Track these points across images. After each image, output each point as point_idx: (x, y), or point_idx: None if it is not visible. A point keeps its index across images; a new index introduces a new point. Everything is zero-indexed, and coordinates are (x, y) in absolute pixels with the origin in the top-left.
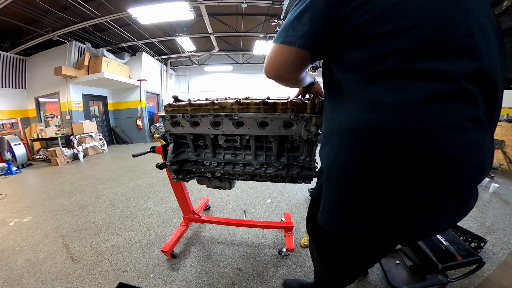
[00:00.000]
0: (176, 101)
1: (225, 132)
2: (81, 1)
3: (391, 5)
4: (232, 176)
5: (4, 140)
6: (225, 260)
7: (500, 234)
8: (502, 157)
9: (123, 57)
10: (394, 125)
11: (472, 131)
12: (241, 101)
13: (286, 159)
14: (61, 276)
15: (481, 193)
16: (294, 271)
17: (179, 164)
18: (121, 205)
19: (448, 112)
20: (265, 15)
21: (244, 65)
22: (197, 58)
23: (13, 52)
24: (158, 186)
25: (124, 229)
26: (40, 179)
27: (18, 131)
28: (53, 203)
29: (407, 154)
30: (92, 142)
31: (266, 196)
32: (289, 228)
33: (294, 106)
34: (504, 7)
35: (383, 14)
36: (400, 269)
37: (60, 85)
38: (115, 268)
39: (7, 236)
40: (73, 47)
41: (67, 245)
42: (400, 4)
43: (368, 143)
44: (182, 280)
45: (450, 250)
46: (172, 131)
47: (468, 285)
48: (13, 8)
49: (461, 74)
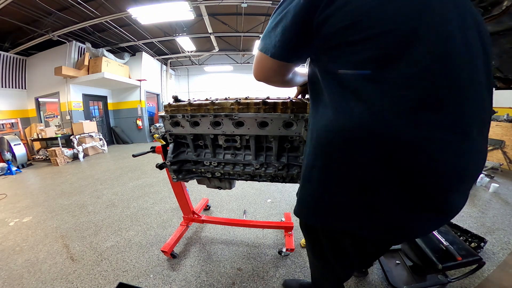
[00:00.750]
0: (176, 101)
1: (225, 132)
2: (81, 1)
3: (361, 12)
4: (232, 176)
5: (4, 140)
6: (225, 260)
7: (500, 234)
8: (502, 157)
9: (123, 57)
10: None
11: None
12: (241, 101)
13: (286, 159)
14: (61, 276)
15: (481, 193)
16: (294, 271)
17: (179, 164)
18: (121, 205)
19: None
20: (265, 15)
21: (244, 65)
22: (197, 58)
23: (13, 52)
24: (158, 186)
25: (124, 229)
26: (40, 179)
27: (18, 131)
28: (53, 203)
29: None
30: (92, 142)
31: (266, 196)
32: (289, 228)
33: (294, 106)
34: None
35: (353, 22)
36: (400, 269)
37: (60, 85)
38: (115, 268)
39: (7, 236)
40: (73, 47)
41: (67, 245)
42: (370, 12)
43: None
44: (182, 280)
45: (450, 250)
46: (172, 131)
47: (468, 285)
48: (13, 8)
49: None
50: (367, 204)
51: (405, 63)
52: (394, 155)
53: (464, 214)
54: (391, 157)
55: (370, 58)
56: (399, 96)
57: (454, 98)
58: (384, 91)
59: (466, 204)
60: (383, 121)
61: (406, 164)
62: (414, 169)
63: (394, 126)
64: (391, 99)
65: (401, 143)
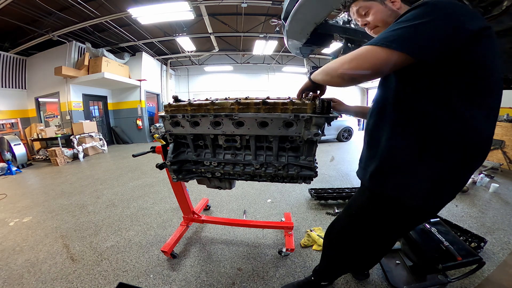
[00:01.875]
0: (176, 101)
1: (225, 132)
2: (81, 1)
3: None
4: (232, 176)
5: (4, 140)
6: (225, 260)
7: (500, 234)
8: (502, 157)
9: (123, 57)
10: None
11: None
12: (241, 101)
13: (286, 159)
14: (61, 276)
15: (481, 193)
16: (294, 271)
17: (179, 164)
18: (121, 205)
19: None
20: (265, 15)
21: (244, 65)
22: (197, 58)
23: (13, 52)
24: (158, 186)
25: (124, 229)
26: (40, 179)
27: (18, 131)
28: (53, 203)
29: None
30: (92, 142)
31: (266, 196)
32: (289, 228)
33: (294, 106)
34: (504, 7)
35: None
36: (400, 269)
37: (60, 85)
38: (115, 268)
39: (7, 236)
40: (73, 47)
41: (67, 245)
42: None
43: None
44: (182, 280)
45: (450, 250)
46: (172, 131)
47: (468, 285)
48: (13, 8)
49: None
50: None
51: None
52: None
53: (464, 214)
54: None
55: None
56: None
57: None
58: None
59: (466, 204)
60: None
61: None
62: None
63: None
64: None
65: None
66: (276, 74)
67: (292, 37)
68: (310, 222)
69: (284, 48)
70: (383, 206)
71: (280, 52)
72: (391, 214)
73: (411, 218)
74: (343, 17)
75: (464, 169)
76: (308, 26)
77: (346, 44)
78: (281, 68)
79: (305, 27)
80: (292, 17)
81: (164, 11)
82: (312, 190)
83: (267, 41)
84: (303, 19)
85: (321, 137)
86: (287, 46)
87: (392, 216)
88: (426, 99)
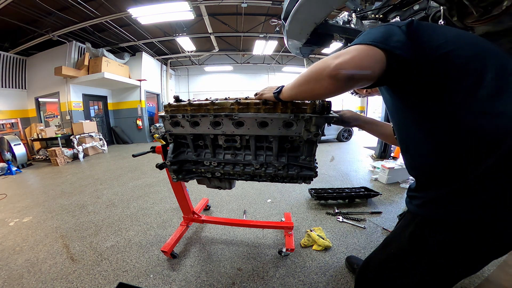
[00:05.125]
0: (177, 101)
1: (225, 132)
2: (81, 1)
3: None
4: (232, 176)
5: (4, 140)
6: (225, 260)
7: None
8: None
9: (123, 57)
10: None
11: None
12: (241, 101)
13: (286, 159)
14: (61, 276)
15: None
16: (294, 271)
17: (179, 164)
18: (121, 205)
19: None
20: (265, 15)
21: (244, 65)
22: (197, 58)
23: (13, 52)
24: (158, 186)
25: (124, 229)
26: (40, 179)
27: (18, 131)
28: (53, 203)
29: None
30: (92, 142)
31: (266, 196)
32: (289, 228)
33: (294, 106)
34: (504, 7)
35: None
36: None
37: (60, 85)
38: (115, 268)
39: (7, 236)
40: (73, 47)
41: (67, 245)
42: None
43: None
44: (182, 280)
45: None
46: (172, 131)
47: (468, 285)
48: (13, 8)
49: None
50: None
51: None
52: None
53: None
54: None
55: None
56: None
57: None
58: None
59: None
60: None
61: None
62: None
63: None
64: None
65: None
66: (276, 74)
67: (292, 37)
68: (310, 222)
69: (284, 48)
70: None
71: (280, 52)
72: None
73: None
74: (343, 17)
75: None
76: (308, 26)
77: (346, 44)
78: (281, 68)
79: (305, 27)
80: (292, 17)
81: (164, 11)
82: (312, 190)
83: (267, 41)
84: (303, 19)
85: (321, 137)
86: (287, 46)
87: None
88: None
